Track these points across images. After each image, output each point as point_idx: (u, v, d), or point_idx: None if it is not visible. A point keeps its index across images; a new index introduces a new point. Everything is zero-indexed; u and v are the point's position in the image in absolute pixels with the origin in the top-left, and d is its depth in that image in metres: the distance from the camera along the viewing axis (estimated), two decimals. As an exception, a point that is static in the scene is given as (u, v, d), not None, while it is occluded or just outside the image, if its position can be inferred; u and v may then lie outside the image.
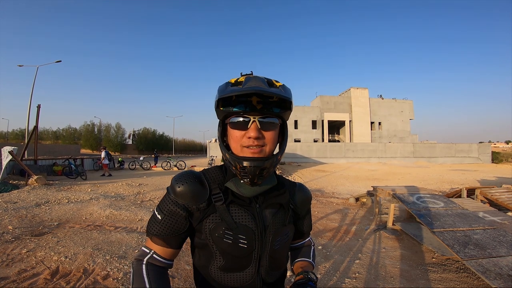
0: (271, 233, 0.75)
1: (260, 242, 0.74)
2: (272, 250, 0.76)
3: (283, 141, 0.77)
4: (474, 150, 27.25)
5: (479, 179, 12.90)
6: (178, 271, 2.95)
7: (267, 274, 0.77)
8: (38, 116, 11.59)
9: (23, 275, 2.69)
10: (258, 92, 0.63)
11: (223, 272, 0.74)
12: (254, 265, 0.75)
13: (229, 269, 0.74)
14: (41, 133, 49.09)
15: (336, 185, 11.43)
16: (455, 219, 3.65)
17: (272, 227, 0.76)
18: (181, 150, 70.22)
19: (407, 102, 39.45)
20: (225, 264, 0.73)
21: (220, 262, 0.73)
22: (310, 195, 0.91)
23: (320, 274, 3.11)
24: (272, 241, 0.75)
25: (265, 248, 0.75)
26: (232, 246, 0.71)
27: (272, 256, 0.77)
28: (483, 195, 5.19)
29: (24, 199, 6.29)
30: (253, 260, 0.74)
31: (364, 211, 6.27)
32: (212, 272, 0.75)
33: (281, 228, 0.77)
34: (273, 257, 0.77)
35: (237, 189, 0.73)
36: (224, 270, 0.74)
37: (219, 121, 0.75)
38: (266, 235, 0.75)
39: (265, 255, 0.75)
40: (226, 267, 0.73)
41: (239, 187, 0.73)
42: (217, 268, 0.74)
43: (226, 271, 0.74)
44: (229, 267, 0.73)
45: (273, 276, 0.80)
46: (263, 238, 0.74)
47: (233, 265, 0.73)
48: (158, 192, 7.84)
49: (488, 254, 2.76)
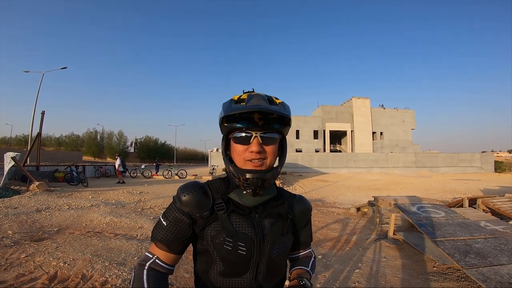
0: (269, 241, 0.78)
1: (259, 249, 0.77)
2: (270, 257, 0.79)
3: (282, 155, 0.82)
4: (477, 159, 27.06)
5: (482, 188, 12.79)
6: (177, 279, 2.93)
7: (264, 280, 0.80)
8: (42, 122, 11.74)
9: (21, 279, 2.68)
10: (260, 110, 0.68)
11: (222, 277, 0.77)
12: (252, 271, 0.77)
13: (228, 274, 0.76)
14: (44, 140, 49.41)
15: (338, 195, 11.37)
16: (456, 228, 3.62)
17: (271, 236, 0.79)
18: (182, 159, 70.35)
19: (408, 111, 39.57)
20: (224, 269, 0.76)
21: (220, 267, 0.76)
22: (310, 206, 0.94)
23: (319, 283, 3.08)
24: (270, 249, 0.78)
25: (263, 256, 0.78)
26: (231, 253, 0.74)
27: (269, 264, 0.79)
28: (485, 204, 5.15)
29: (25, 204, 6.31)
30: (251, 267, 0.77)
31: (365, 221, 6.22)
32: (212, 277, 0.77)
33: (279, 237, 0.81)
34: (270, 264, 0.80)
35: (240, 199, 0.77)
36: (223, 275, 0.76)
37: (223, 136, 0.80)
38: (264, 243, 0.78)
39: (263, 262, 0.78)
40: (225, 272, 0.76)
41: (242, 197, 0.77)
42: (216, 273, 0.77)
43: (225, 276, 0.77)
44: (228, 273, 0.76)
45: (270, 283, 0.82)
46: (262, 246, 0.77)
47: (232, 271, 0.76)
48: (159, 201, 7.84)
49: (489, 262, 2.73)
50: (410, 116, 39.35)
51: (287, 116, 0.73)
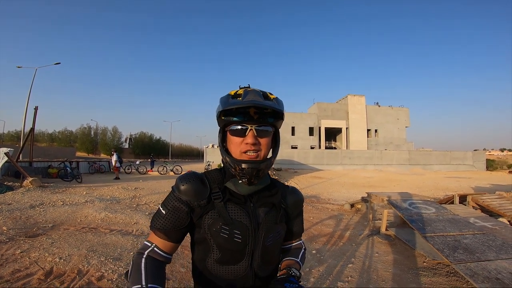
0: (264, 230, 0.83)
1: (254, 237, 0.81)
2: (264, 246, 0.83)
3: (275, 146, 0.87)
4: (469, 157, 27.55)
5: (474, 186, 13.05)
6: (173, 273, 2.97)
7: (259, 268, 0.84)
8: (35, 118, 11.58)
9: (16, 275, 2.69)
10: (256, 105, 0.73)
11: (219, 264, 0.81)
12: (248, 259, 0.82)
13: (225, 262, 0.80)
14: (37, 135, 48.73)
15: (332, 191, 11.49)
16: (445, 224, 3.72)
17: (265, 224, 0.83)
18: (177, 155, 69.93)
19: (403, 109, 39.92)
20: (221, 257, 0.80)
21: (217, 255, 0.80)
22: (302, 198, 0.99)
23: (313, 277, 3.14)
24: (265, 237, 0.83)
25: (257, 244, 0.82)
26: (228, 240, 0.78)
27: (264, 252, 0.84)
28: (475, 201, 5.28)
29: (19, 200, 6.26)
30: (247, 254, 0.81)
31: (358, 217, 6.32)
32: (209, 265, 0.81)
33: (273, 225, 0.85)
34: (265, 252, 0.84)
35: (236, 188, 0.81)
36: (220, 262, 0.80)
37: (220, 128, 0.85)
38: (259, 231, 0.82)
39: (258, 250, 0.82)
40: (221, 260, 0.80)
41: (237, 186, 0.81)
42: (213, 261, 0.81)
43: (221, 263, 0.81)
44: (224, 260, 0.80)
45: (265, 271, 0.86)
46: (256, 234, 0.81)
47: (228, 258, 0.80)
48: (154, 196, 7.83)
49: (476, 258, 2.82)
50: (405, 114, 39.71)
51: (281, 111, 0.78)
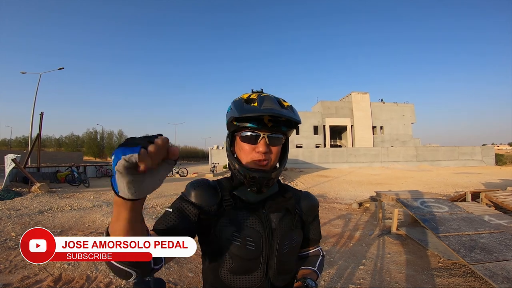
0: (278, 236, 0.78)
1: (268, 244, 0.77)
2: (280, 253, 0.78)
3: (284, 155, 0.84)
4: (478, 152, 27.05)
5: (484, 182, 12.79)
6: (181, 278, 2.93)
7: (275, 278, 0.79)
8: (41, 123, 11.71)
9: (26, 281, 2.69)
10: (274, 115, 0.70)
11: (233, 274, 0.76)
12: (263, 268, 0.77)
13: (238, 271, 0.76)
14: (44, 141, 49.39)
15: (339, 190, 11.37)
16: (460, 223, 3.62)
17: (279, 230, 0.79)
18: (183, 157, 70.28)
19: (408, 105, 39.42)
20: (234, 266, 0.75)
21: (230, 264, 0.75)
22: (317, 202, 0.95)
23: (324, 280, 3.07)
24: (280, 244, 0.78)
25: (272, 251, 0.77)
26: (240, 248, 0.74)
27: (280, 260, 0.78)
28: (488, 198, 5.15)
29: (27, 206, 6.31)
30: (261, 263, 0.76)
31: (367, 216, 6.21)
32: (222, 275, 0.77)
33: (288, 232, 0.80)
34: (281, 260, 0.79)
35: (244, 196, 0.80)
36: (234, 272, 0.76)
37: (228, 133, 0.82)
38: (273, 238, 0.77)
39: (273, 258, 0.77)
40: (235, 270, 0.76)
41: (246, 193, 0.80)
42: (227, 271, 0.76)
43: (235, 273, 0.76)
44: (238, 270, 0.76)
45: (281, 280, 0.81)
46: (270, 241, 0.77)
47: (242, 268, 0.76)
48: (160, 200, 7.82)
49: (495, 258, 2.73)
50: (410, 110, 39.18)
51: (298, 121, 0.76)
